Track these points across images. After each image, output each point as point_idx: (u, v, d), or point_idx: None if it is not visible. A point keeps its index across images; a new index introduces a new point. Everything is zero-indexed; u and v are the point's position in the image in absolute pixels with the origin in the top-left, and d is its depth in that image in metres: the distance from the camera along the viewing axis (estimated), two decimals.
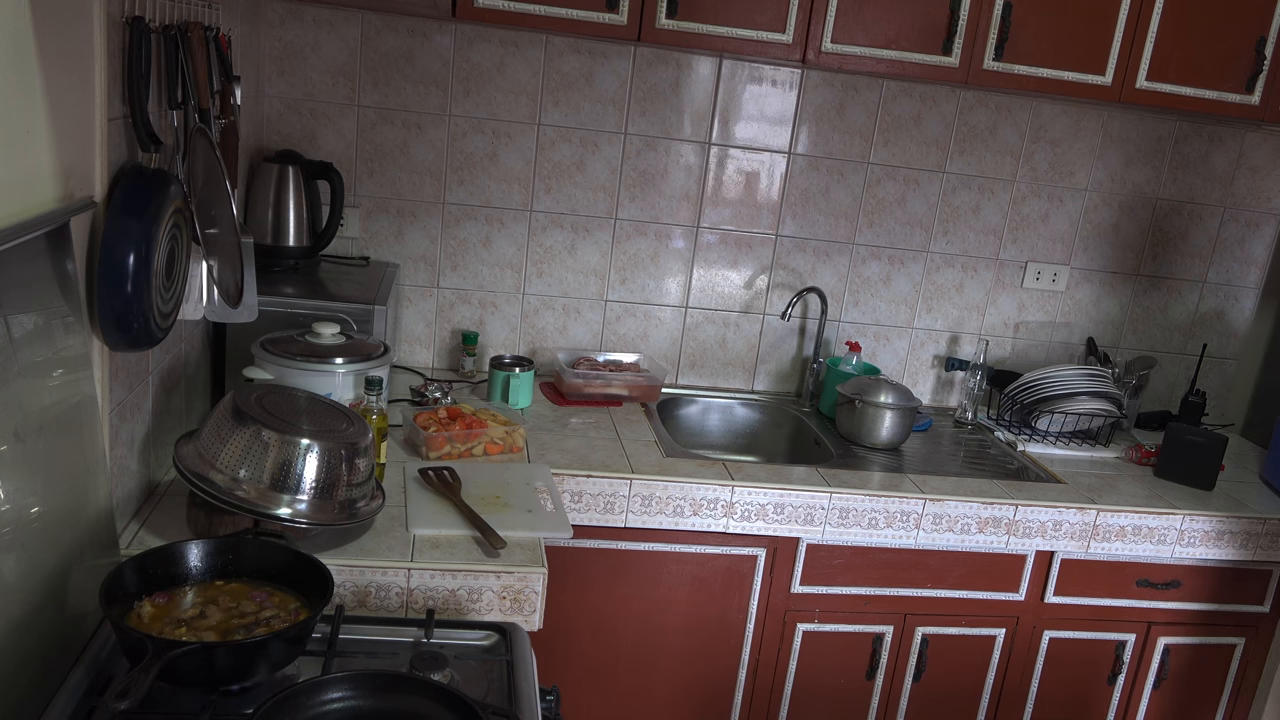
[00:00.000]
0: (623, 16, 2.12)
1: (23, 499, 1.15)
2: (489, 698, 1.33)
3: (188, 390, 1.92)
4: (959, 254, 2.78)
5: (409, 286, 2.60)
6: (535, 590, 1.61)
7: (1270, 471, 2.52)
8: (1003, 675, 2.38)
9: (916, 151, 2.67)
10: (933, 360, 2.87)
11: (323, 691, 1.17)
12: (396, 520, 1.70)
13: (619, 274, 2.66)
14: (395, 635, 1.46)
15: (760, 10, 2.17)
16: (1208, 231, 2.86)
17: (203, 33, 1.59)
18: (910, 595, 2.28)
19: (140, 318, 1.37)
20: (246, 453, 1.47)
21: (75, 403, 1.29)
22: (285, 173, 2.28)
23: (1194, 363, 2.94)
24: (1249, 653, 2.47)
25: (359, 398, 1.81)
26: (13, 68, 1.11)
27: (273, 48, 2.39)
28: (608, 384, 2.52)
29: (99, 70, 1.33)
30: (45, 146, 1.20)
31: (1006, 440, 2.61)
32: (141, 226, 1.35)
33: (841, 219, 2.70)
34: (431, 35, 2.43)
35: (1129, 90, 2.32)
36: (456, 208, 2.55)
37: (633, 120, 2.55)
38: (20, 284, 1.16)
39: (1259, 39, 2.32)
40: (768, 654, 2.27)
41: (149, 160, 1.47)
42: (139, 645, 1.16)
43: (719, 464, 2.23)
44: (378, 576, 1.57)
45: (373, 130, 2.48)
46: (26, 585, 1.15)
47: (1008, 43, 2.24)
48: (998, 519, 2.22)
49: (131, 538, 1.56)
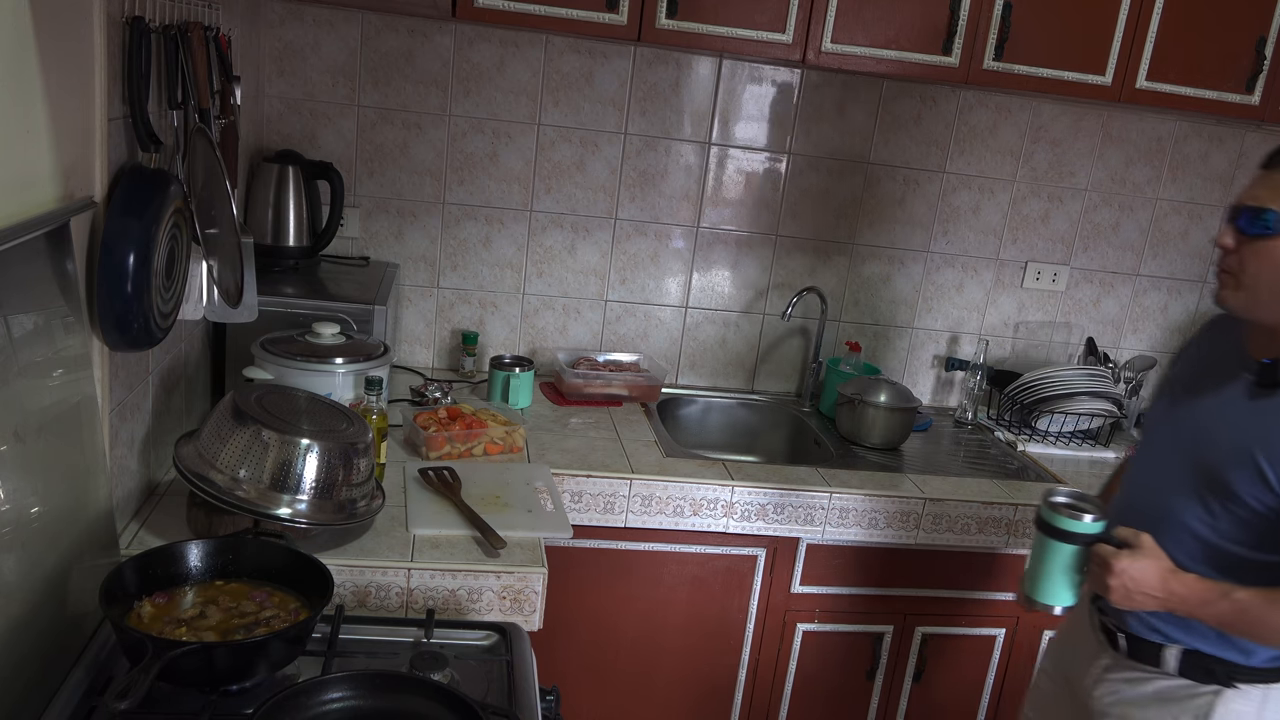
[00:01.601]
0: (623, 16, 2.12)
1: (23, 499, 1.15)
2: (489, 698, 1.33)
3: (188, 390, 1.92)
4: (959, 254, 2.78)
5: (409, 286, 2.60)
6: (535, 590, 1.61)
7: None
8: (1003, 675, 2.38)
9: (916, 151, 2.67)
10: (933, 360, 2.87)
11: (323, 691, 1.17)
12: (396, 520, 1.70)
13: (619, 274, 2.66)
14: (395, 635, 1.46)
15: (760, 10, 2.17)
16: (1207, 231, 2.86)
17: (203, 33, 1.59)
18: (910, 595, 2.28)
19: (140, 318, 1.37)
20: (246, 453, 1.47)
21: (75, 403, 1.29)
22: (285, 173, 2.28)
23: None
24: None
25: (359, 398, 1.81)
26: (13, 68, 1.11)
27: (273, 48, 2.39)
28: (608, 384, 2.52)
29: (99, 70, 1.33)
30: (45, 146, 1.20)
31: (1006, 440, 2.61)
32: (141, 226, 1.35)
33: (841, 219, 2.70)
34: (431, 35, 2.43)
35: (1129, 90, 2.32)
36: (456, 208, 2.55)
37: (633, 120, 2.55)
38: (20, 284, 1.16)
39: (1259, 39, 2.32)
40: (768, 654, 2.27)
41: (149, 160, 1.47)
42: (139, 645, 1.16)
43: (719, 464, 2.23)
44: (378, 576, 1.57)
45: (373, 130, 2.48)
46: (26, 585, 1.15)
47: (1008, 43, 2.24)
48: (998, 519, 2.22)
49: (131, 538, 1.56)
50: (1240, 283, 1.43)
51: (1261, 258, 1.41)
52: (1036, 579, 1.52)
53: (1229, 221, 1.45)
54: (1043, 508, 1.51)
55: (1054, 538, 1.49)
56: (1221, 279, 1.47)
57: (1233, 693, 1.47)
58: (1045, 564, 1.50)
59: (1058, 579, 1.50)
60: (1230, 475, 1.43)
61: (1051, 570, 1.50)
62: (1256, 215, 1.40)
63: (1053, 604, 1.51)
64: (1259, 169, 1.45)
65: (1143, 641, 1.54)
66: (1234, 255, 1.43)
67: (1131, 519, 1.50)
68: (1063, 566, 1.49)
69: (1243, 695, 1.47)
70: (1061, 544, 1.48)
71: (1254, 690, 1.47)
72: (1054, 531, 1.49)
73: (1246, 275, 1.42)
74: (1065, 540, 1.48)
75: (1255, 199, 1.41)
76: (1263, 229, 1.39)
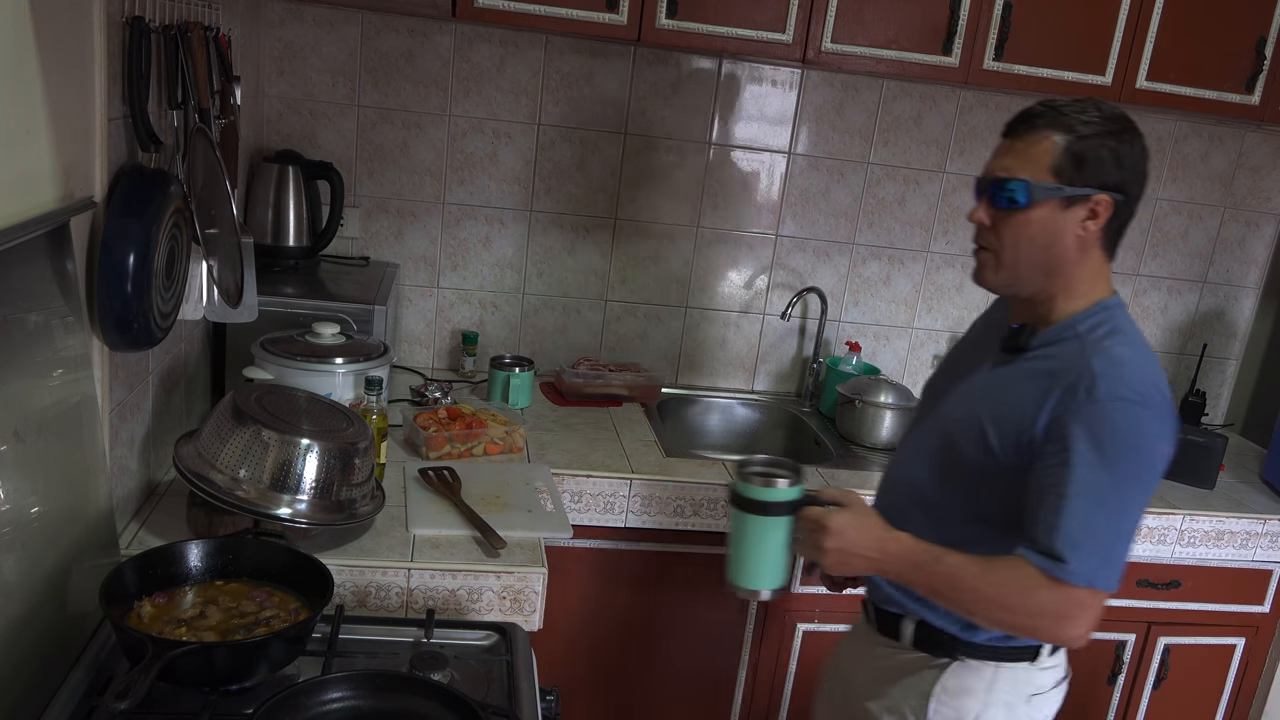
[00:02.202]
0: (623, 16, 2.12)
1: (23, 499, 1.15)
2: (489, 698, 1.33)
3: (188, 390, 1.92)
4: (959, 254, 2.78)
5: (409, 286, 2.60)
6: (535, 590, 1.61)
7: (1270, 471, 2.52)
8: None
9: (916, 151, 2.67)
10: (933, 360, 2.87)
11: (323, 691, 1.17)
12: (396, 520, 1.70)
13: (619, 274, 2.66)
14: (395, 635, 1.46)
15: (760, 10, 2.17)
16: (1207, 232, 2.86)
17: (203, 33, 1.59)
18: None
19: (140, 318, 1.37)
20: (246, 453, 1.47)
21: (75, 403, 1.29)
22: (285, 173, 2.28)
23: (1194, 363, 2.94)
24: (1249, 653, 2.47)
25: (359, 398, 1.81)
26: (13, 68, 1.11)
27: (273, 48, 2.39)
28: (608, 384, 2.52)
29: (99, 70, 1.33)
30: (45, 146, 1.20)
31: None
32: (141, 226, 1.36)
33: (841, 219, 2.70)
34: (431, 35, 2.43)
35: (1129, 90, 2.32)
36: (456, 208, 2.55)
37: (633, 120, 2.55)
38: (20, 284, 1.16)
39: (1259, 39, 2.32)
40: (768, 654, 2.27)
41: (149, 160, 1.47)
42: (139, 645, 1.16)
43: (719, 464, 2.22)
44: (378, 576, 1.57)
45: (373, 130, 2.47)
46: (26, 585, 1.15)
47: (1008, 43, 2.24)
48: None
49: (131, 538, 1.56)
50: (1000, 260, 1.37)
51: (1017, 230, 1.34)
52: (741, 562, 1.35)
53: (979, 195, 1.39)
54: (736, 482, 1.34)
55: (752, 511, 1.32)
56: (980, 258, 1.40)
57: (961, 667, 1.43)
58: (747, 543, 1.34)
59: (762, 558, 1.34)
60: (959, 440, 1.39)
61: (754, 549, 1.33)
62: (1002, 187, 1.34)
63: (759, 587, 1.35)
64: (1002, 137, 1.40)
65: (886, 614, 1.50)
66: (991, 232, 1.37)
67: (881, 497, 1.48)
68: (766, 542, 1.32)
69: (971, 671, 1.43)
70: (761, 517, 1.32)
71: (984, 667, 1.42)
72: (751, 505, 1.32)
73: (1005, 251, 1.36)
74: (765, 513, 1.32)
75: (1005, 169, 1.35)
76: (1009, 202, 1.33)
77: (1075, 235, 1.34)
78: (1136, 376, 1.29)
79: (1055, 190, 1.32)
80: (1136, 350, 1.34)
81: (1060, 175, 1.32)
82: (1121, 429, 1.26)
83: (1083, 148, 1.31)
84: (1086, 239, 1.34)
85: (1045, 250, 1.35)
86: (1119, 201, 1.33)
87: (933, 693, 1.44)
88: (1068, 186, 1.32)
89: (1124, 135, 1.33)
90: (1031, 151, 1.34)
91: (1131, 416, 1.27)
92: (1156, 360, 1.36)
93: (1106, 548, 1.26)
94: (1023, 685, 1.44)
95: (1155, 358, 1.36)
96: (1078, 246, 1.34)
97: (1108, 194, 1.32)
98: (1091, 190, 1.32)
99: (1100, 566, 1.24)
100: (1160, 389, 1.30)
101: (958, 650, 1.43)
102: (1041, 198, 1.32)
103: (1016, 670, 1.43)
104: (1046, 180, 1.32)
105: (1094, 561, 1.24)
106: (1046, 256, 1.35)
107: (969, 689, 1.43)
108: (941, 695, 1.44)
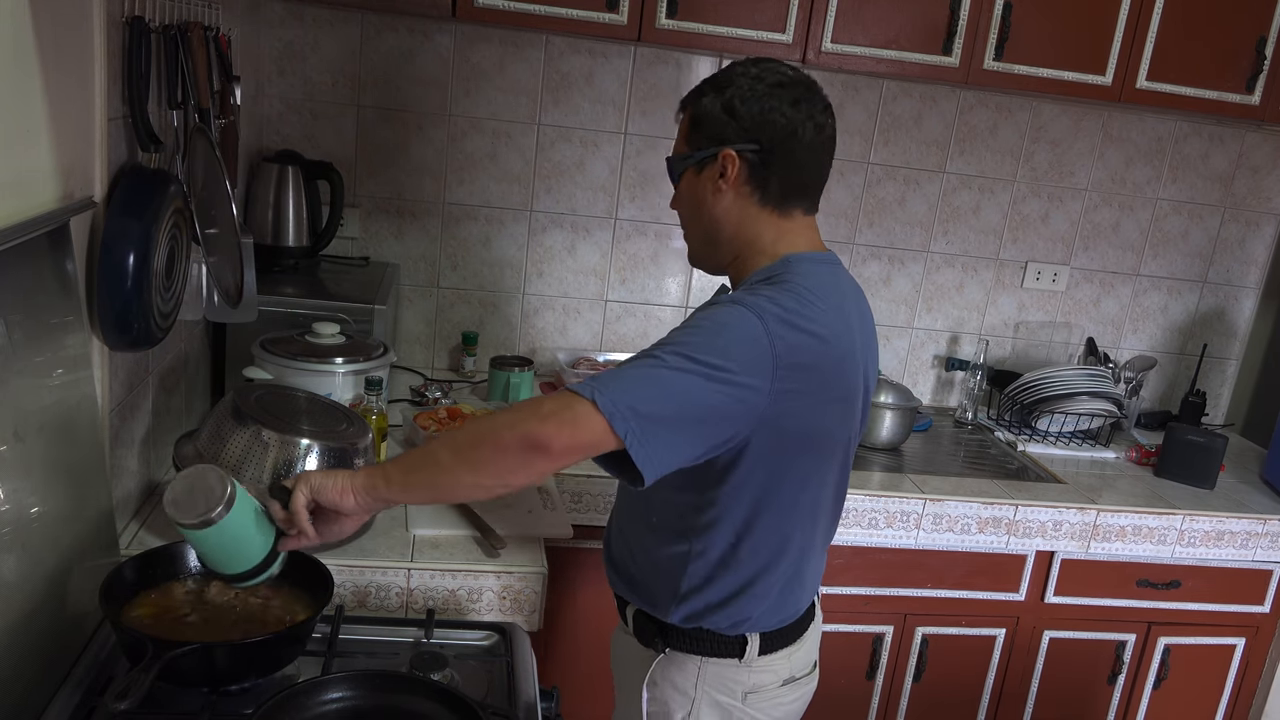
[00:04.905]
0: (623, 16, 2.12)
1: (23, 499, 1.15)
2: (489, 698, 1.33)
3: (188, 390, 1.92)
4: (959, 254, 2.78)
5: (409, 286, 2.59)
6: (535, 590, 1.61)
7: (1270, 471, 2.52)
8: (1003, 675, 2.38)
9: (916, 151, 2.67)
10: (933, 360, 2.87)
11: (323, 691, 1.17)
12: (396, 520, 1.70)
13: (619, 274, 2.66)
14: (395, 635, 1.46)
15: (760, 10, 2.17)
16: (1208, 231, 2.86)
17: (203, 33, 1.59)
18: (910, 595, 2.28)
19: (140, 318, 1.37)
20: (246, 453, 1.47)
21: (75, 403, 1.29)
22: (285, 173, 2.28)
23: (1194, 363, 2.94)
24: (1249, 653, 2.47)
25: (359, 398, 1.81)
26: (12, 67, 1.11)
27: (273, 48, 2.39)
28: None
29: (99, 70, 1.33)
30: (45, 146, 1.20)
31: (1006, 440, 2.61)
32: (141, 226, 1.35)
33: (841, 219, 2.70)
34: (431, 35, 2.43)
35: (1129, 90, 2.32)
36: (456, 208, 2.55)
37: (633, 120, 2.55)
38: (20, 284, 1.16)
39: (1259, 39, 2.32)
40: None
41: (149, 160, 1.47)
42: (139, 645, 1.16)
43: None
44: (378, 576, 1.57)
45: (373, 130, 2.47)
46: (26, 585, 1.15)
47: (1008, 43, 2.24)
48: (998, 519, 2.22)
49: (131, 538, 1.56)
50: (686, 239, 1.40)
51: (680, 206, 1.39)
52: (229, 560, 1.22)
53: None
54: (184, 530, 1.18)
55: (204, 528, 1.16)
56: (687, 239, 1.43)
57: (667, 660, 1.41)
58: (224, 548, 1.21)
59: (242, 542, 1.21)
60: None
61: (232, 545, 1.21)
62: (668, 171, 1.39)
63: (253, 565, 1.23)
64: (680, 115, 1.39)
65: (618, 598, 1.50)
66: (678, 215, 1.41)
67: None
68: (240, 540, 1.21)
69: (677, 665, 1.40)
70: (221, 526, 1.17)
71: (689, 661, 1.39)
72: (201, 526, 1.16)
73: (684, 229, 1.39)
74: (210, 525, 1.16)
75: (674, 149, 1.38)
76: (674, 177, 1.38)
77: (713, 195, 1.33)
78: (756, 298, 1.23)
79: (686, 159, 1.35)
80: (782, 291, 1.25)
81: (691, 143, 1.35)
82: (708, 316, 1.24)
83: (697, 110, 1.34)
84: (731, 197, 1.32)
85: (696, 218, 1.37)
86: (754, 151, 1.29)
87: (644, 683, 1.44)
88: (695, 152, 1.33)
89: (732, 86, 1.30)
90: (678, 132, 1.39)
91: (724, 310, 1.24)
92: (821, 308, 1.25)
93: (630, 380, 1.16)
94: (732, 684, 1.39)
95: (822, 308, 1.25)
96: (723, 206, 1.33)
97: (730, 147, 1.30)
98: (713, 148, 1.31)
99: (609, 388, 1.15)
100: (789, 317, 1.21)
101: (663, 640, 1.41)
102: (680, 168, 1.36)
103: (724, 667, 1.39)
104: (682, 152, 1.36)
105: (607, 383, 1.15)
106: (701, 225, 1.37)
107: (675, 683, 1.41)
108: (651, 687, 1.43)
